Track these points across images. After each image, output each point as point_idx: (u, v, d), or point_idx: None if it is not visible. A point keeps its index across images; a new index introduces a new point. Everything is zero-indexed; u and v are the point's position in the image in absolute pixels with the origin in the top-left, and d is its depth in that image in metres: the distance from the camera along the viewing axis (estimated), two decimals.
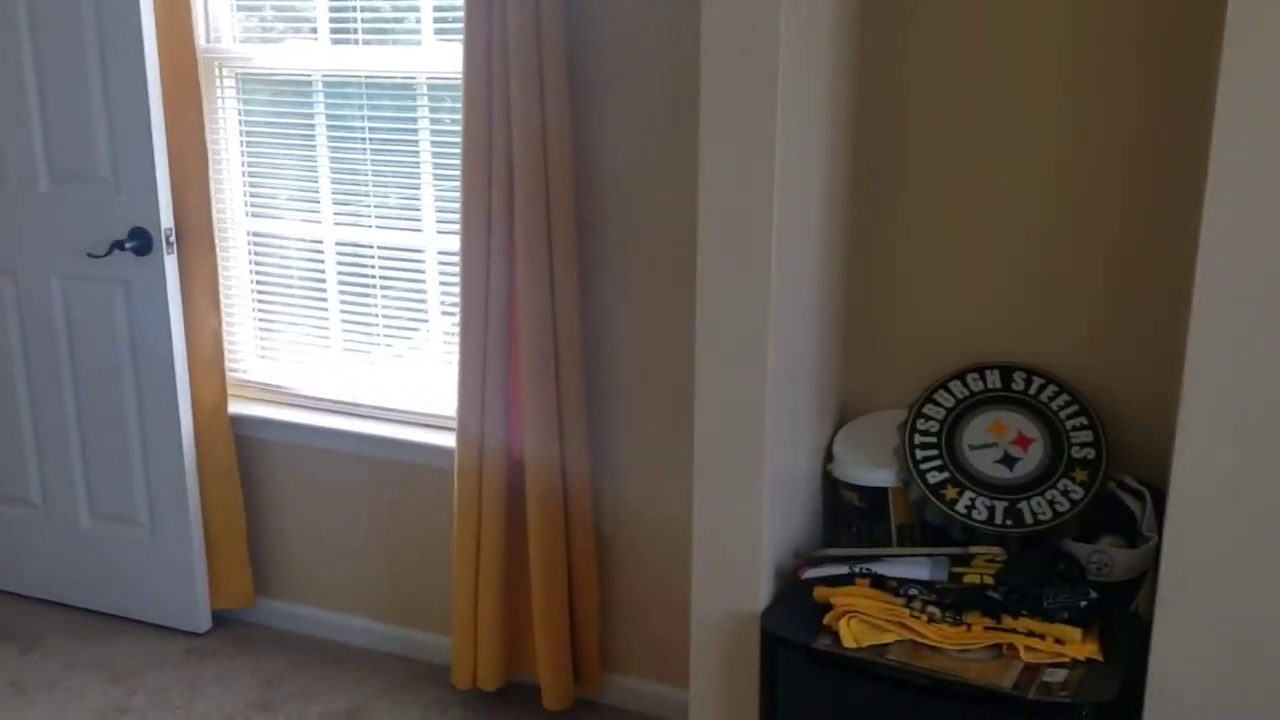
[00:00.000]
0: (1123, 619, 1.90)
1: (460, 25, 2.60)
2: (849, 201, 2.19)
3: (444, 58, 2.72)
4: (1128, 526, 1.99)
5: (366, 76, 2.81)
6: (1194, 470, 1.65)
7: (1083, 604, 1.86)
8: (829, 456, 2.21)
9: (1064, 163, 2.06)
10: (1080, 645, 1.80)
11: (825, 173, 2.07)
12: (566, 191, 2.49)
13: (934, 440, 2.10)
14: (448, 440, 2.80)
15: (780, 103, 1.83)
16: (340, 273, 2.99)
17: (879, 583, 1.96)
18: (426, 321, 2.93)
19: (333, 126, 2.89)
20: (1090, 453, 2.04)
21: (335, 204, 2.95)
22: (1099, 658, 1.79)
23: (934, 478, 2.06)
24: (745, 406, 1.94)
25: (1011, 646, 1.83)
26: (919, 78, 2.13)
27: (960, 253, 2.16)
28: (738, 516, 1.99)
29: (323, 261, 3.00)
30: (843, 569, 1.99)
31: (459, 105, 2.62)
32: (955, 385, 2.15)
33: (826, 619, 1.91)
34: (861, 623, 1.89)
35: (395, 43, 2.78)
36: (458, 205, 2.61)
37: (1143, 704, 1.74)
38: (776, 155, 1.85)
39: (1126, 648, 1.82)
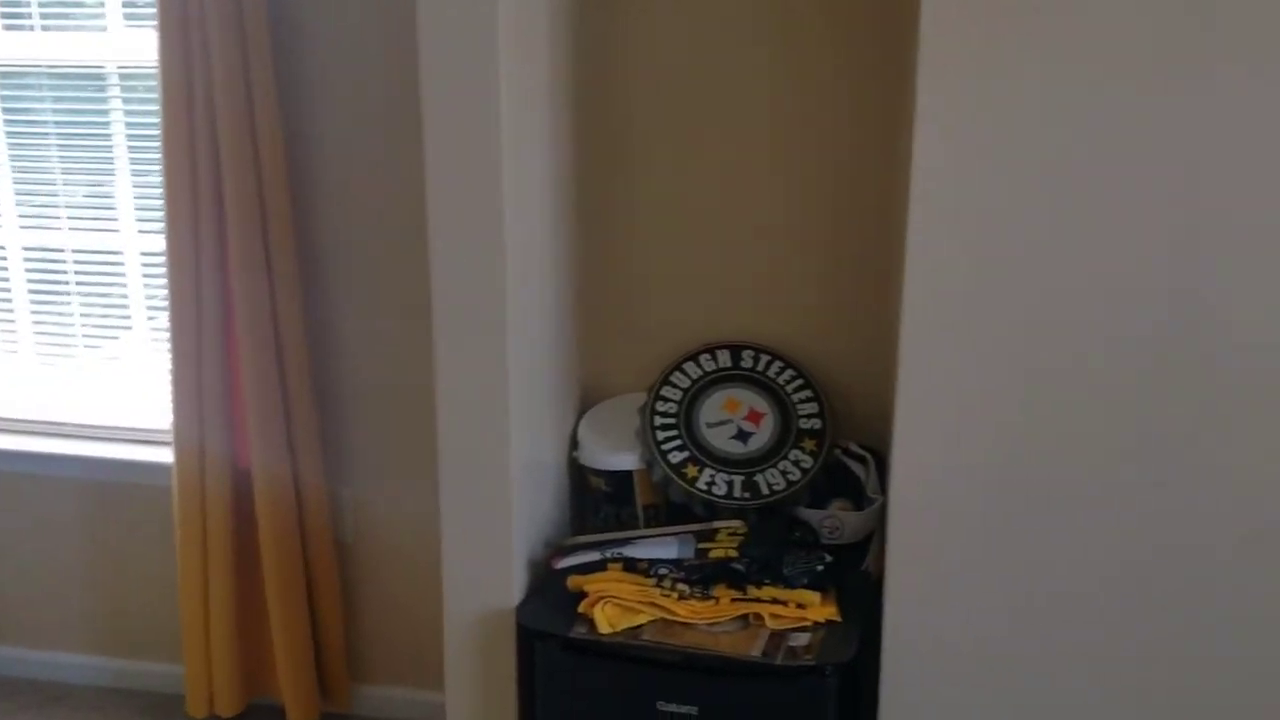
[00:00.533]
0: (856, 579, 2.01)
1: (152, 9, 2.41)
2: (579, 192, 2.19)
3: (136, 45, 2.52)
4: (854, 490, 2.10)
5: (49, 66, 2.57)
6: (913, 434, 1.76)
7: (819, 568, 1.95)
8: (574, 444, 2.22)
9: (779, 158, 2.14)
10: (820, 608, 1.90)
11: (553, 164, 2.07)
12: (280, 184, 2.37)
13: (673, 421, 2.15)
14: (164, 455, 2.62)
15: (504, 92, 1.81)
16: (29, 280, 2.72)
17: (630, 565, 1.98)
18: (131, 329, 2.72)
19: (11, 121, 2.63)
20: (817, 423, 2.14)
21: (18, 205, 2.68)
22: (838, 618, 1.89)
23: (675, 457, 2.11)
24: (488, 401, 1.91)
25: (758, 615, 1.90)
26: (643, 69, 2.16)
27: (689, 240, 2.21)
28: (487, 512, 1.96)
29: (6, 269, 2.72)
30: (594, 555, 2.00)
31: (156, 96, 2.44)
32: (689, 366, 2.20)
33: (581, 607, 1.92)
34: (615, 607, 1.91)
35: (79, 29, 2.55)
36: (161, 203, 2.43)
37: (880, 658, 1.85)
38: (503, 146, 1.82)
39: (862, 606, 1.93)
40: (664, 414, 2.15)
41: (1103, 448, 1.69)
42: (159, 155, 2.40)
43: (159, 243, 2.61)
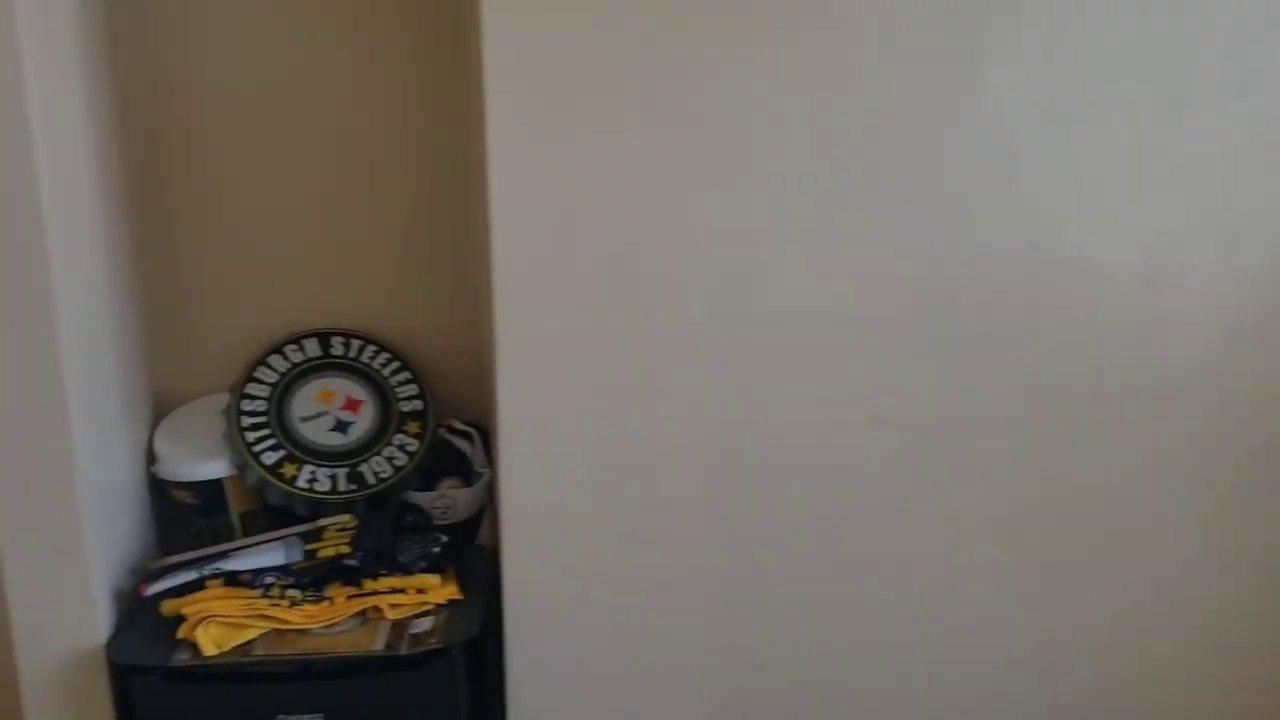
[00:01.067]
0: (472, 555, 2.00)
1: None
2: (133, 180, 1.99)
3: None
4: (463, 467, 2.09)
5: None
6: (513, 405, 1.77)
7: (435, 550, 1.92)
8: (151, 458, 2.02)
9: (353, 138, 2.06)
10: (441, 590, 1.86)
11: (98, 157, 1.86)
12: None
13: (264, 420, 2.02)
14: None
15: (29, 71, 1.60)
16: None
17: (232, 579, 1.84)
18: None
19: None
20: (418, 405, 2.10)
21: None
22: (460, 597, 1.87)
23: (270, 458, 1.99)
24: (44, 424, 1.70)
25: (376, 609, 1.83)
26: (201, 48, 1.99)
27: (264, 229, 2.08)
28: (56, 545, 1.75)
29: None
30: (190, 575, 1.84)
31: None
32: (275, 359, 2.08)
33: (180, 632, 1.77)
34: (220, 626, 1.77)
35: None
36: None
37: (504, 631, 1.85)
38: (33, 132, 1.61)
39: (481, 581, 1.92)
40: (252, 413, 2.02)
41: (690, 407, 1.78)
42: None
43: None
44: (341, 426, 2.05)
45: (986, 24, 1.67)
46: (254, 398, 2.03)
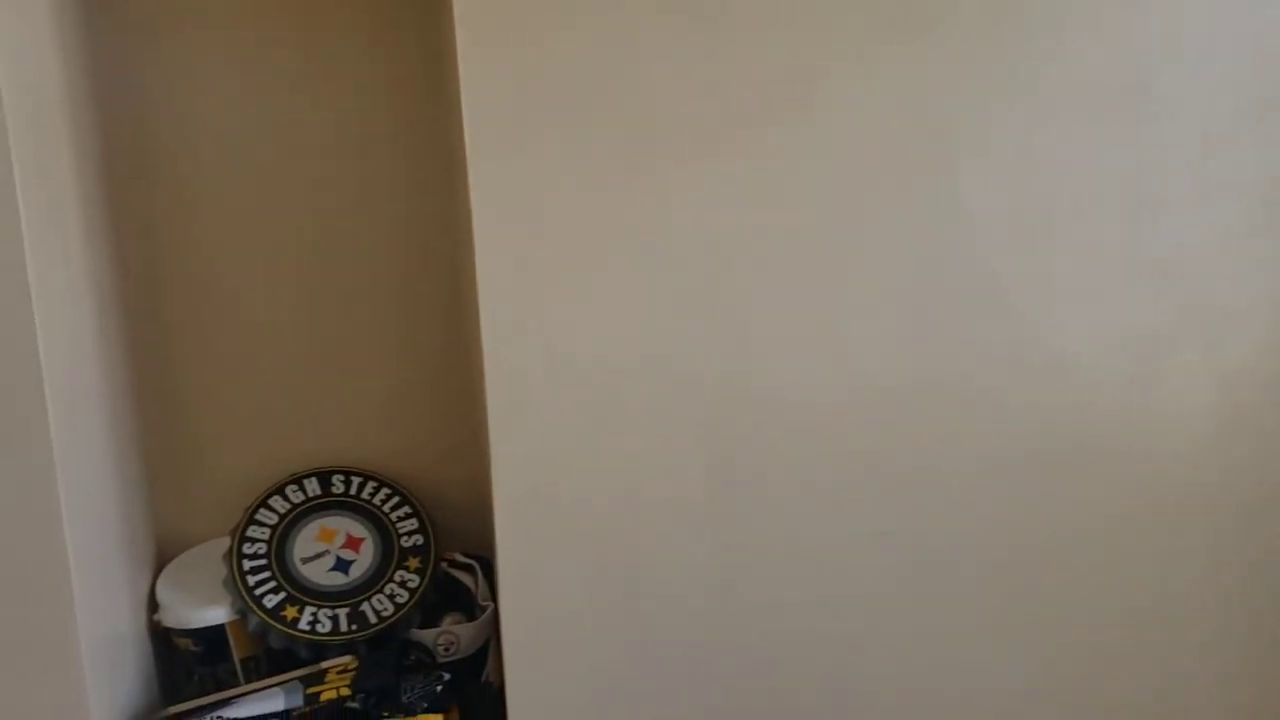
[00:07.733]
0: (477, 691, 1.97)
1: None
2: (127, 320, 2.03)
3: None
4: (466, 601, 2.07)
5: None
6: (512, 536, 1.76)
7: (438, 688, 1.89)
8: (154, 605, 2.01)
9: (343, 271, 2.10)
10: None
11: (95, 296, 1.90)
12: None
13: (264, 562, 2.01)
14: None
15: (22, 202, 1.64)
16: None
17: None
18: None
19: None
20: (419, 539, 2.09)
21: None
22: None
23: (271, 601, 1.97)
24: (44, 577, 1.69)
25: None
26: (193, 187, 2.05)
27: (260, 367, 2.11)
28: (55, 706, 1.73)
29: None
30: None
31: None
32: (276, 500, 2.08)
33: None
34: None
35: None
36: None
37: None
38: (30, 277, 1.64)
39: (487, 718, 1.88)
40: (252, 556, 2.01)
41: (690, 531, 1.78)
42: None
43: None
44: (343, 566, 2.04)
45: (960, 133, 1.71)
46: (254, 540, 2.03)
